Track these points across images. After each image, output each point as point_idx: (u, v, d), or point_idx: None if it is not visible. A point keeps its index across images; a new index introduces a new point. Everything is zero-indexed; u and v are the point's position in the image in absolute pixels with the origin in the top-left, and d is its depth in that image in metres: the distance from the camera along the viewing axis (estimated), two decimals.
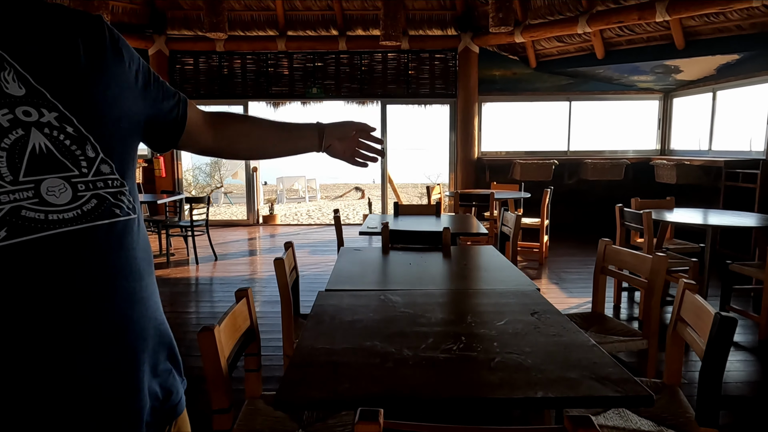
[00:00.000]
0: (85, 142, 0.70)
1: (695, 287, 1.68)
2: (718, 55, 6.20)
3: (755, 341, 3.37)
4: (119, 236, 0.72)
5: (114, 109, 0.76)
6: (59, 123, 0.68)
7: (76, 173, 0.69)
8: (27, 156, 0.65)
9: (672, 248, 4.23)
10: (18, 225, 0.63)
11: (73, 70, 0.72)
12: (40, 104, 0.67)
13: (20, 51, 0.67)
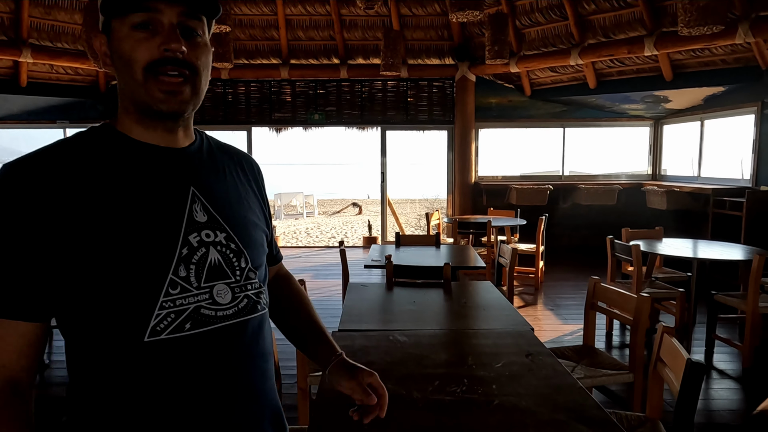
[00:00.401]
0: (241, 256, 0.90)
1: (672, 331, 1.87)
2: (704, 87, 6.48)
3: (739, 369, 3.55)
4: (260, 326, 0.92)
5: (259, 232, 0.97)
6: (226, 242, 0.88)
7: (233, 280, 0.87)
8: (206, 267, 0.84)
9: (661, 277, 4.43)
10: (198, 319, 0.82)
11: (237, 201, 0.94)
12: (216, 228, 0.87)
13: (205, 188, 0.88)
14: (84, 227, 0.77)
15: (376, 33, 7.75)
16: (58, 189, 0.77)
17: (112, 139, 0.85)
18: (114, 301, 0.78)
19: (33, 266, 0.76)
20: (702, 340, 3.93)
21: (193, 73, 0.82)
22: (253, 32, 7.85)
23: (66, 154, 0.81)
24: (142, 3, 0.78)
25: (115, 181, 0.81)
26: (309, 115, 8.32)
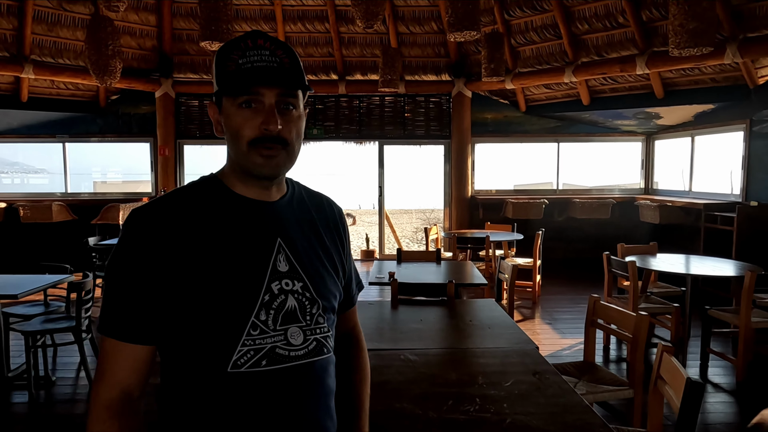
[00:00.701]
0: (314, 303, 1.00)
1: (671, 349, 1.96)
2: (695, 105, 6.66)
3: (734, 383, 3.65)
4: (326, 368, 1.01)
5: (333, 282, 1.06)
6: (303, 291, 0.98)
7: (305, 324, 0.98)
8: (283, 312, 0.95)
9: (656, 291, 4.53)
10: (273, 358, 0.93)
11: (316, 253, 1.04)
12: (295, 277, 0.98)
13: (289, 239, 1.00)
14: (188, 269, 0.90)
15: (374, 50, 7.90)
16: (172, 234, 0.91)
17: (218, 192, 1.00)
18: (205, 335, 0.91)
19: (146, 299, 0.90)
20: (697, 354, 4.03)
21: (286, 145, 0.95)
22: None
23: (181, 202, 0.96)
24: (247, 88, 0.92)
25: (217, 229, 0.95)
26: (308, 130, 8.42)
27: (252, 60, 0.92)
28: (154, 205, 0.95)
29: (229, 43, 0.96)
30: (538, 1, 6.85)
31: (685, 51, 4.82)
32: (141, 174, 9.38)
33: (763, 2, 5.31)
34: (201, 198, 0.98)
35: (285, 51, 0.96)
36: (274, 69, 0.93)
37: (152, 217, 0.93)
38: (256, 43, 0.94)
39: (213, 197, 0.98)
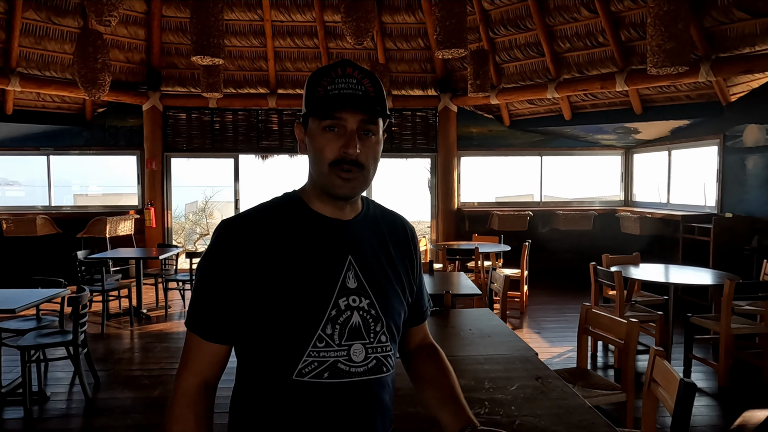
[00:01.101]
0: (378, 321, 1.04)
1: (663, 354, 2.09)
2: (671, 120, 6.95)
3: (716, 387, 3.81)
4: (383, 385, 1.05)
5: (398, 300, 1.11)
6: (368, 308, 1.03)
7: (368, 341, 1.02)
8: (348, 328, 1.00)
9: (640, 300, 4.71)
10: (335, 372, 0.99)
11: (384, 272, 1.08)
12: (362, 294, 1.03)
13: (360, 257, 1.05)
14: (267, 279, 0.98)
15: (363, 65, 8.02)
16: (257, 246, 0.99)
17: (298, 208, 1.07)
18: (276, 342, 0.99)
19: (229, 304, 0.99)
20: (680, 359, 4.19)
21: (362, 169, 1.01)
22: (242, 63, 8.04)
23: (266, 216, 1.05)
24: (332, 112, 0.99)
25: (295, 244, 1.02)
26: (294, 143, 8.48)
27: (339, 87, 0.99)
28: (242, 218, 1.04)
29: (321, 69, 1.03)
30: (522, 21, 7.09)
31: (662, 70, 5.07)
32: (125, 187, 9.31)
33: (734, 25, 5.62)
34: (283, 213, 1.06)
35: (371, 81, 1.01)
36: (359, 97, 0.99)
37: (241, 229, 1.01)
38: (345, 72, 1.00)
39: (293, 213, 1.06)
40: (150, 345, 4.92)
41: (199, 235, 11.88)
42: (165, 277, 6.09)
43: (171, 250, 6.23)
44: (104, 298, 5.34)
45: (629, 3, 6.18)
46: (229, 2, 7.46)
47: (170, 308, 6.18)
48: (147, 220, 8.00)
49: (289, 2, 7.60)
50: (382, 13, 7.57)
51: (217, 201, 14.46)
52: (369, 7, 5.09)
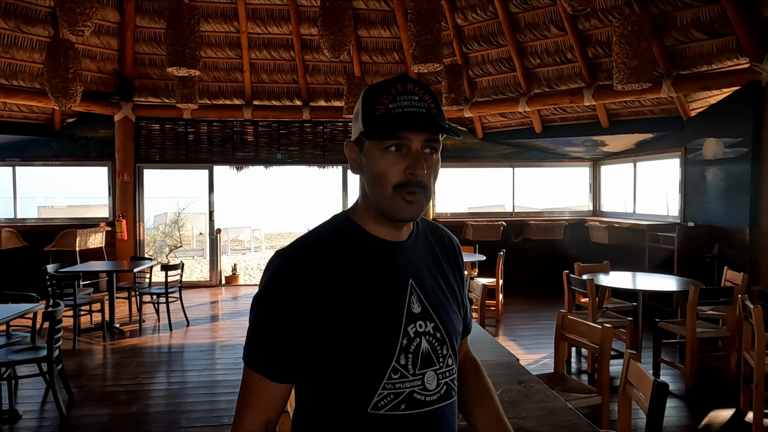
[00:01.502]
0: (444, 344, 1.00)
1: (637, 357, 2.20)
2: (636, 134, 7.26)
3: (683, 389, 3.98)
4: (453, 410, 1.03)
5: (457, 317, 1.07)
6: (434, 331, 0.98)
7: (438, 367, 0.98)
8: (420, 357, 0.95)
9: (611, 307, 4.88)
10: (411, 402, 0.94)
11: (442, 291, 1.05)
12: (427, 318, 0.98)
13: (419, 279, 1.01)
14: (332, 312, 0.92)
15: (338, 78, 8.13)
16: (318, 278, 0.93)
17: (355, 233, 1.00)
18: (348, 376, 0.93)
19: (293, 342, 0.93)
20: (649, 363, 4.36)
21: (426, 190, 0.95)
22: (218, 74, 8.02)
23: (322, 245, 0.98)
24: (396, 133, 0.92)
25: (357, 272, 0.96)
26: (271, 155, 8.49)
27: (402, 104, 0.93)
28: (299, 247, 0.97)
29: (378, 86, 0.96)
30: (494, 37, 7.32)
31: (627, 85, 5.31)
32: (94, 198, 9.11)
33: (692, 44, 5.95)
34: (340, 240, 0.99)
35: (431, 96, 0.96)
36: (423, 114, 0.93)
37: (299, 259, 0.95)
38: (405, 88, 0.94)
39: (351, 239, 0.99)
40: (124, 360, 4.82)
41: (170, 248, 11.66)
42: (138, 291, 5.98)
43: (144, 263, 6.12)
44: (75, 313, 5.21)
45: (596, 22, 6.46)
46: (205, 14, 7.46)
47: (144, 322, 6.07)
48: (118, 233, 7.83)
49: (265, 15, 7.64)
50: (358, 27, 7.69)
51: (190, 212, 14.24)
52: (345, 21, 5.18)
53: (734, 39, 5.61)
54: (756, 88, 5.43)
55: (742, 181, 5.61)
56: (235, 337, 5.53)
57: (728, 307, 4.18)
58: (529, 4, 6.77)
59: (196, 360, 4.82)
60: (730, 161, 5.79)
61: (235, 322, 6.16)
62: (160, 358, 4.93)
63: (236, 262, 13.22)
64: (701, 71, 5.99)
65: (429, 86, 0.98)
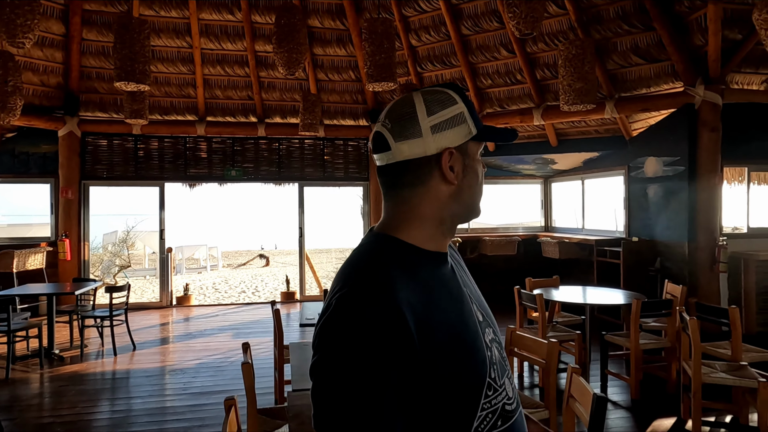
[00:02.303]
0: (502, 347, 0.96)
1: (579, 371, 2.25)
2: (583, 152, 7.55)
3: (629, 400, 4.11)
4: (523, 414, 0.98)
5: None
6: (495, 335, 0.94)
7: (508, 372, 0.93)
8: (498, 366, 0.90)
9: (560, 321, 5.00)
10: (505, 416, 0.88)
11: (480, 293, 1.01)
12: (487, 325, 0.93)
13: (468, 286, 0.96)
14: (429, 344, 0.79)
15: (294, 95, 8.11)
16: (406, 312, 0.78)
17: (410, 251, 0.89)
18: (444, 409, 0.81)
19: (401, 408, 0.77)
20: (597, 375, 4.48)
21: None
22: (169, 89, 7.85)
23: (392, 272, 0.83)
24: (496, 136, 0.94)
25: (432, 292, 0.85)
26: (226, 171, 8.34)
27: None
28: (374, 282, 0.80)
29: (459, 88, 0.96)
30: (447, 58, 7.50)
31: (573, 106, 5.54)
32: (35, 216, 8.67)
33: (632, 68, 6.28)
34: (403, 262, 0.86)
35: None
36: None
37: (383, 297, 0.78)
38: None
39: (410, 258, 0.88)
40: (63, 389, 4.55)
41: (119, 267, 11.19)
42: (81, 314, 5.69)
43: (88, 285, 5.84)
44: (10, 339, 4.90)
45: (543, 45, 6.73)
46: (156, 29, 7.31)
47: (86, 347, 5.77)
48: (61, 253, 7.46)
49: (219, 31, 7.57)
50: (313, 45, 7.72)
51: (142, 231, 13.75)
52: (300, 39, 5.18)
53: (669, 64, 5.96)
54: (690, 110, 5.77)
55: (680, 198, 5.91)
56: (184, 360, 5.33)
57: (669, 318, 4.36)
58: (480, 26, 6.99)
59: (141, 386, 4.61)
60: (669, 179, 6.10)
61: (186, 345, 5.94)
62: (102, 386, 4.69)
63: (190, 281, 12.85)
64: (641, 94, 6.32)
65: None
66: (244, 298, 10.80)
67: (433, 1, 7.02)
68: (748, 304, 5.82)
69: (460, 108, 0.90)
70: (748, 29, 5.43)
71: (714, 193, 5.67)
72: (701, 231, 5.67)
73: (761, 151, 6.08)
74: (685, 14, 5.60)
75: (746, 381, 3.24)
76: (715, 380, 3.30)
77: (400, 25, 7.29)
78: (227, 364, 5.18)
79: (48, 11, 6.92)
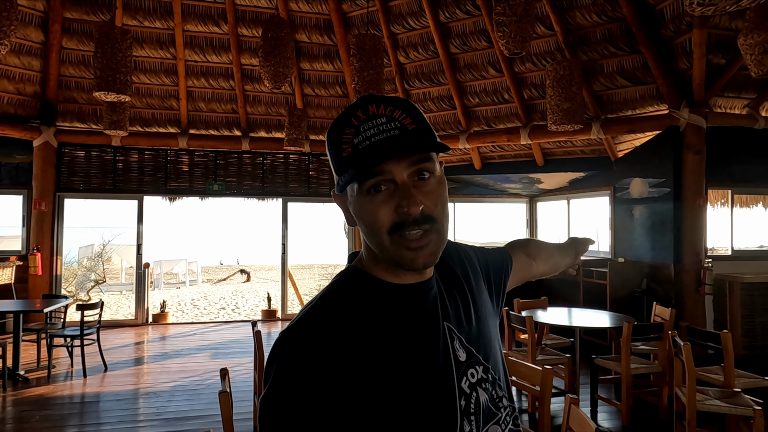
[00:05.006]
0: (495, 385, 0.84)
1: (577, 401, 2.14)
2: (569, 172, 7.56)
3: (620, 426, 4.00)
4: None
5: (498, 343, 0.91)
6: (485, 374, 0.83)
7: (500, 416, 0.83)
8: (481, 415, 0.80)
9: (549, 343, 4.90)
10: None
11: (478, 319, 0.88)
12: (474, 363, 0.82)
13: (454, 318, 0.84)
14: (371, 393, 0.74)
15: (280, 109, 8.01)
16: (343, 354, 0.75)
17: (372, 287, 0.83)
18: None
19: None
20: (587, 400, 4.38)
21: (433, 222, 0.78)
22: (151, 101, 7.67)
23: (338, 312, 0.79)
24: (371, 171, 0.76)
25: (388, 335, 0.78)
26: (208, 185, 8.15)
27: (368, 134, 0.77)
28: (309, 322, 0.78)
29: (339, 118, 0.81)
30: (435, 75, 7.49)
31: (560, 126, 5.54)
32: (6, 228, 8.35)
33: (618, 90, 6.33)
34: (359, 302, 0.81)
35: (404, 109, 0.80)
36: (397, 138, 0.77)
37: (315, 338, 0.75)
38: (368, 112, 0.79)
39: (370, 297, 0.82)
40: (26, 414, 4.27)
41: (94, 282, 10.82)
42: (49, 333, 5.41)
43: (59, 302, 5.57)
44: None
45: (530, 65, 6.76)
46: (140, 39, 7.17)
47: (54, 368, 5.47)
48: (32, 267, 7.14)
49: (204, 43, 7.45)
50: (300, 60, 7.64)
51: (120, 245, 13.38)
52: (288, 53, 5.10)
53: (655, 87, 6.02)
54: (675, 132, 5.81)
55: (665, 220, 5.92)
56: (158, 382, 5.09)
57: (659, 342, 4.30)
58: (468, 45, 7.00)
59: (112, 411, 4.35)
60: (654, 200, 6.11)
61: (161, 366, 5.68)
62: (70, 410, 4.42)
63: (168, 297, 12.50)
64: (626, 115, 6.37)
65: (402, 99, 0.82)
66: (223, 315, 10.51)
67: (421, 19, 7.02)
68: (733, 327, 5.81)
69: (328, 146, 0.84)
70: (731, 54, 5.51)
71: (699, 215, 5.69)
72: (687, 253, 5.67)
73: (744, 174, 6.15)
74: (671, 38, 5.67)
75: (741, 409, 3.17)
76: (711, 408, 3.22)
77: (389, 41, 7.27)
78: (204, 387, 4.95)
79: (27, 18, 6.73)
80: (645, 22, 5.72)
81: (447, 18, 6.92)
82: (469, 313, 0.88)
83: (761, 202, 6.61)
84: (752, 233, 6.69)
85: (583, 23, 6.15)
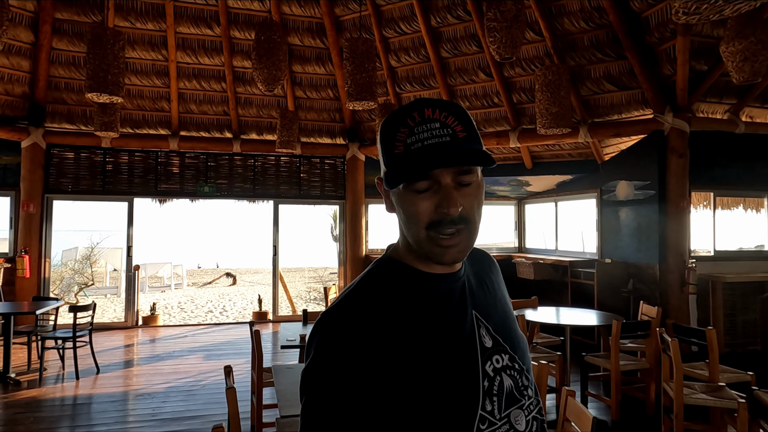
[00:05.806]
0: (522, 374, 0.90)
1: (573, 393, 2.23)
2: (556, 175, 7.71)
3: (610, 422, 4.12)
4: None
5: (524, 340, 0.96)
6: (511, 363, 0.89)
7: (524, 402, 0.88)
8: (504, 397, 0.86)
9: (540, 342, 5.01)
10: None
11: (504, 314, 0.95)
12: (500, 350, 0.88)
13: (481, 308, 0.91)
14: (403, 371, 0.80)
15: (271, 111, 8.04)
16: (380, 337, 0.82)
17: (406, 275, 0.89)
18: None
19: (368, 420, 0.79)
20: (577, 396, 4.48)
21: (467, 223, 0.85)
22: (142, 102, 7.65)
23: (376, 297, 0.86)
24: (421, 173, 0.82)
25: (419, 320, 0.85)
26: (198, 187, 8.14)
27: (422, 138, 0.83)
28: (349, 305, 0.85)
29: (395, 116, 0.87)
30: (426, 79, 7.58)
31: (549, 130, 5.67)
32: None
33: (605, 95, 6.49)
34: (393, 286, 0.88)
35: (457, 117, 0.85)
36: (448, 144, 0.83)
37: (355, 321, 0.83)
38: (424, 115, 0.84)
39: (403, 283, 0.89)
40: (18, 416, 4.25)
41: (80, 286, 10.70)
42: (40, 335, 5.37)
43: (49, 304, 5.53)
44: None
45: (519, 70, 6.89)
46: (131, 40, 7.15)
47: (46, 370, 5.43)
48: (19, 270, 7.06)
49: (196, 45, 7.46)
50: (292, 63, 7.69)
51: (104, 247, 13.22)
52: (280, 56, 5.15)
53: (640, 92, 6.19)
54: (659, 136, 5.98)
55: (650, 221, 6.07)
56: (152, 384, 5.08)
57: (646, 340, 4.42)
58: (459, 50, 7.12)
59: (105, 412, 4.35)
60: (640, 203, 6.27)
61: (154, 368, 5.67)
62: (62, 412, 4.40)
63: (155, 300, 12.39)
64: (613, 119, 6.53)
65: (456, 104, 0.87)
66: (211, 318, 10.47)
67: (413, 24, 7.12)
68: (716, 325, 5.98)
69: (380, 140, 0.90)
70: (713, 61, 5.70)
71: (683, 217, 5.85)
72: (671, 253, 5.82)
73: (725, 178, 6.35)
74: (655, 45, 5.84)
75: (726, 402, 3.29)
76: (696, 401, 3.34)
77: (380, 45, 7.35)
78: (198, 387, 4.96)
79: (17, 18, 6.68)
80: (631, 29, 5.88)
81: (438, 23, 7.03)
82: (495, 306, 0.96)
83: (741, 204, 6.82)
84: (733, 235, 6.89)
85: (571, 29, 6.29)
